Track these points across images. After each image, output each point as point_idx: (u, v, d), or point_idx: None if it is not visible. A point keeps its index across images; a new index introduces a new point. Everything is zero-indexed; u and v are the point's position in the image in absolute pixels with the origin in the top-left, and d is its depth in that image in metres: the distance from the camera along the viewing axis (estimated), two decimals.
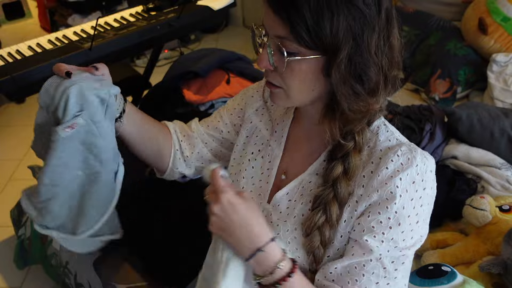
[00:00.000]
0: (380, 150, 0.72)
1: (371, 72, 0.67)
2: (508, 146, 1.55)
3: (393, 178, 0.68)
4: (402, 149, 0.70)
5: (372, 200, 0.70)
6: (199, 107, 1.85)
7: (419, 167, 0.69)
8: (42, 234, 1.56)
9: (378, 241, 0.68)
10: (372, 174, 0.70)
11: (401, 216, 0.68)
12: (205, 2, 1.90)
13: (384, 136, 0.74)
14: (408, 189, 0.68)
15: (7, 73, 1.41)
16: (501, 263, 1.12)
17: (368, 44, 0.65)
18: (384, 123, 0.77)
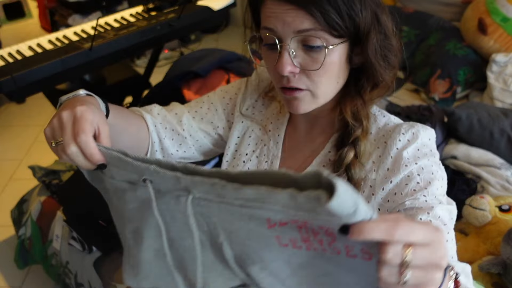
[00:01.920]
0: (383, 135, 0.74)
1: (394, 42, 0.71)
2: (507, 146, 1.55)
3: (404, 153, 0.70)
4: (404, 127, 0.72)
5: (395, 181, 0.70)
6: None
7: (424, 138, 0.72)
8: (43, 234, 1.57)
9: (422, 201, 0.67)
10: (381, 158, 0.72)
11: (427, 176, 0.69)
12: (205, 2, 1.90)
13: (382, 122, 0.76)
14: (418, 155, 0.70)
15: (7, 73, 1.41)
16: (501, 263, 1.12)
17: (386, 24, 0.69)
18: (379, 109, 0.79)
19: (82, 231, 1.39)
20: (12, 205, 1.75)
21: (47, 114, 2.93)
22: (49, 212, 1.55)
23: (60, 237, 1.47)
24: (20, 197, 1.73)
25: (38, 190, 1.65)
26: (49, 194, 1.59)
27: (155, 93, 1.91)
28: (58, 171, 1.63)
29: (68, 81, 1.95)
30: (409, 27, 2.55)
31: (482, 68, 2.27)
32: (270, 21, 0.66)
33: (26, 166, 1.73)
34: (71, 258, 1.44)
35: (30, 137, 2.76)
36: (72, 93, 0.67)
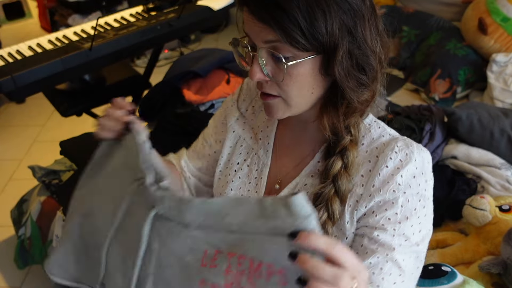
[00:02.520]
0: (376, 148, 0.72)
1: (371, 60, 0.66)
2: (508, 146, 1.55)
3: (394, 176, 0.68)
4: (399, 145, 0.70)
5: (376, 200, 0.69)
6: (199, 107, 1.86)
7: (418, 161, 0.69)
8: (42, 234, 1.57)
9: (389, 236, 0.68)
10: (371, 173, 0.70)
11: (407, 210, 0.68)
12: (205, 2, 1.90)
13: (377, 133, 0.74)
14: (411, 184, 0.68)
15: (7, 73, 1.41)
16: (501, 263, 1.12)
17: (363, 34, 0.65)
18: (374, 120, 0.77)
19: None
20: (12, 205, 1.75)
21: (47, 114, 2.93)
22: (49, 212, 1.55)
23: (60, 237, 1.47)
24: (20, 197, 1.73)
25: (38, 190, 1.65)
26: (49, 194, 1.59)
27: (155, 93, 1.91)
28: (58, 171, 1.63)
29: (68, 81, 1.95)
30: (409, 27, 2.55)
31: (482, 68, 2.27)
32: (246, 27, 0.67)
33: (26, 166, 1.73)
34: None
35: (30, 137, 2.76)
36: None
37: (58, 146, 1.64)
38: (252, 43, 0.67)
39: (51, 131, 2.81)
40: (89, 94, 2.00)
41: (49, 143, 2.68)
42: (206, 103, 1.87)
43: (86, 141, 1.67)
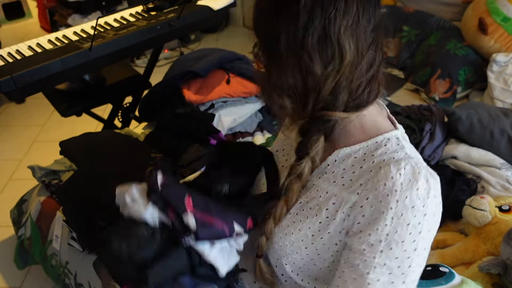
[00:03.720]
0: (383, 160, 0.69)
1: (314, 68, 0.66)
2: (508, 146, 1.55)
3: (389, 197, 0.64)
4: (406, 168, 0.65)
5: (365, 214, 0.67)
6: (199, 107, 1.85)
7: (420, 191, 0.64)
8: (42, 234, 1.57)
9: (370, 267, 0.65)
10: (369, 184, 0.68)
11: (393, 241, 0.64)
12: (205, 2, 1.90)
13: (392, 149, 0.70)
14: (404, 214, 0.64)
15: (7, 73, 1.41)
16: (501, 264, 1.12)
17: (308, 44, 0.64)
18: (398, 137, 0.72)
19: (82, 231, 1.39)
20: (12, 205, 1.75)
21: (47, 114, 2.92)
22: (49, 212, 1.55)
23: (59, 237, 1.47)
24: (19, 197, 1.73)
25: (38, 190, 1.64)
26: (48, 194, 1.59)
27: (155, 93, 1.91)
28: (58, 171, 1.63)
29: (68, 81, 1.94)
30: (409, 27, 2.55)
31: (482, 68, 2.27)
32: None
33: (26, 166, 1.73)
34: (70, 258, 1.44)
35: (30, 137, 2.76)
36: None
37: (58, 146, 1.64)
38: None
39: (51, 131, 2.81)
40: (89, 94, 2.00)
41: (49, 143, 2.68)
42: (206, 103, 1.87)
43: (86, 141, 1.67)
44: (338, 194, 0.72)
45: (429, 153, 1.58)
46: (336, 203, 0.72)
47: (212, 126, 1.70)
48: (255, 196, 0.87)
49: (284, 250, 0.78)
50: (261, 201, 0.81)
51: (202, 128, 1.67)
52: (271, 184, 0.84)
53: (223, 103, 1.89)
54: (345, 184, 0.72)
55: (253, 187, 0.89)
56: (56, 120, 2.85)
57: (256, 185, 0.89)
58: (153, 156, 1.52)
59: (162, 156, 1.52)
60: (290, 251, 0.77)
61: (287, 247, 0.77)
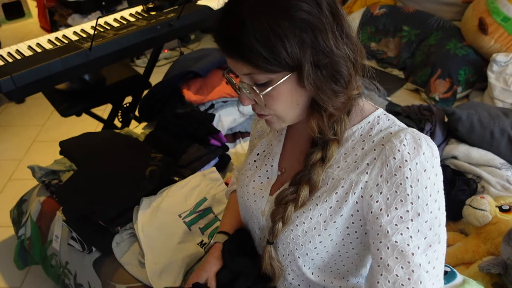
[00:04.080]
0: (382, 137, 0.73)
1: (342, 67, 0.69)
2: (508, 146, 1.55)
3: (402, 168, 0.68)
4: (407, 138, 0.70)
5: (384, 193, 0.70)
6: (199, 107, 1.85)
7: (426, 154, 0.69)
8: (42, 234, 1.57)
9: (407, 238, 0.68)
10: (377, 162, 0.71)
11: (419, 206, 0.68)
12: (205, 2, 1.90)
13: (385, 125, 0.75)
14: (420, 178, 0.68)
15: (7, 73, 1.41)
16: (501, 263, 1.12)
17: (326, 45, 0.67)
18: (384, 113, 0.78)
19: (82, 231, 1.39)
20: (12, 205, 1.75)
21: (46, 114, 2.92)
22: (48, 212, 1.55)
23: (59, 238, 1.47)
24: (19, 197, 1.73)
25: (38, 190, 1.64)
26: (48, 194, 1.59)
27: (155, 93, 1.91)
28: (58, 171, 1.63)
29: (68, 81, 1.94)
30: (409, 27, 2.55)
31: (482, 68, 2.26)
32: (227, 61, 0.72)
33: (26, 166, 1.73)
34: (70, 258, 1.44)
35: (30, 137, 2.76)
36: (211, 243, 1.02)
37: (57, 146, 1.64)
38: (235, 74, 0.73)
39: (51, 131, 2.81)
40: (89, 94, 2.00)
41: (48, 143, 2.68)
42: (206, 103, 1.87)
43: (86, 141, 1.67)
44: (345, 177, 0.74)
45: None
46: (345, 186, 0.74)
47: (212, 126, 1.70)
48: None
49: (297, 242, 0.79)
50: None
51: (202, 128, 1.67)
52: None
53: (223, 103, 1.88)
54: (350, 166, 0.74)
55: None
56: (56, 120, 2.85)
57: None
58: (153, 156, 1.52)
59: (162, 156, 1.52)
60: (303, 242, 0.78)
61: (300, 238, 0.78)
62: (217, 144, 1.68)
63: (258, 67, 0.66)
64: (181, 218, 1.38)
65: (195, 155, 1.60)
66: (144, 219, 1.36)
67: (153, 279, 1.23)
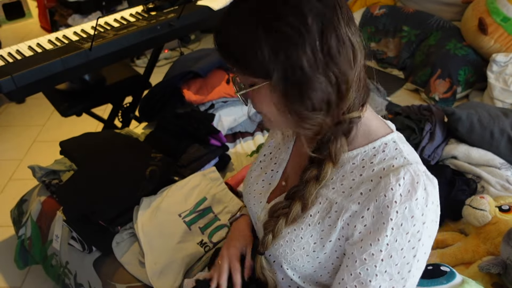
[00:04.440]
0: (383, 169, 0.69)
1: (313, 90, 0.64)
2: (508, 146, 1.55)
3: (389, 209, 0.66)
4: (406, 178, 0.66)
5: (366, 224, 0.69)
6: (199, 107, 1.86)
7: (419, 201, 0.66)
8: (43, 234, 1.57)
9: (371, 274, 0.68)
10: (370, 194, 0.69)
11: (393, 249, 0.67)
12: (205, 2, 1.90)
13: (391, 154, 0.71)
14: (404, 223, 0.66)
15: (7, 73, 1.41)
16: (501, 263, 1.12)
17: (299, 62, 0.63)
18: (395, 140, 0.73)
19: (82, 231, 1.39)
20: (12, 205, 1.75)
21: (47, 114, 2.93)
22: (49, 212, 1.55)
23: (60, 237, 1.47)
24: (20, 197, 1.73)
25: (38, 190, 1.65)
26: (49, 194, 1.59)
27: (155, 93, 1.91)
28: (58, 171, 1.63)
29: (68, 81, 1.94)
30: (409, 27, 2.55)
31: (482, 68, 2.27)
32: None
33: (26, 166, 1.73)
34: (71, 258, 1.44)
35: (30, 137, 2.76)
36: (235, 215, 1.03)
37: (58, 146, 1.64)
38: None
39: (51, 131, 2.81)
40: (89, 94, 2.00)
41: (49, 143, 2.68)
42: (206, 103, 1.87)
43: (86, 141, 1.67)
44: (339, 202, 0.72)
45: (429, 153, 1.58)
46: (338, 211, 0.72)
47: (212, 126, 1.70)
48: None
49: (285, 257, 0.78)
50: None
51: (202, 128, 1.67)
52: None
53: (223, 103, 1.89)
54: (345, 191, 0.72)
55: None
56: (56, 120, 2.85)
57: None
58: (153, 156, 1.52)
59: (162, 156, 1.52)
60: (291, 258, 0.77)
61: (288, 255, 0.77)
62: (217, 144, 1.68)
63: (239, 68, 0.68)
64: (181, 217, 1.38)
65: (195, 155, 1.61)
66: (144, 219, 1.36)
67: (153, 279, 1.23)
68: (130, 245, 1.35)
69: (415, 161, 0.70)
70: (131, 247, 1.34)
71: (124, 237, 1.36)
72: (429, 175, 0.69)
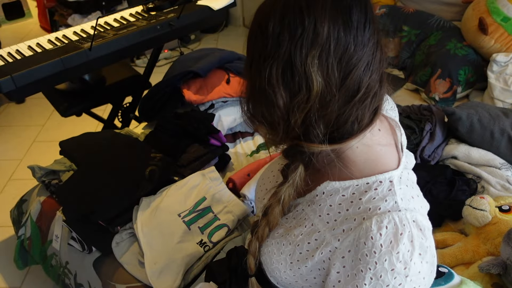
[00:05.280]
0: (369, 209, 0.64)
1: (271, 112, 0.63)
2: (508, 146, 1.55)
3: (368, 258, 0.61)
4: (389, 227, 0.61)
5: (345, 266, 0.65)
6: (199, 107, 1.85)
7: (402, 254, 0.60)
8: (42, 234, 1.57)
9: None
10: (351, 234, 0.64)
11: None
12: (205, 2, 1.90)
13: (382, 194, 0.64)
14: (383, 275, 0.61)
15: (7, 73, 1.41)
16: (501, 264, 1.12)
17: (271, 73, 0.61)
18: (392, 179, 0.66)
19: (82, 231, 1.39)
20: (12, 205, 1.75)
21: (47, 114, 2.93)
22: (48, 212, 1.55)
23: (59, 237, 1.47)
24: (19, 197, 1.73)
25: (38, 190, 1.64)
26: (48, 194, 1.59)
27: (155, 93, 1.91)
28: (58, 171, 1.63)
29: (68, 81, 1.94)
30: (409, 27, 2.55)
31: (482, 68, 2.27)
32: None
33: (26, 166, 1.73)
34: (70, 258, 1.44)
35: (30, 137, 2.76)
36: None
37: (57, 146, 1.64)
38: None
39: (51, 131, 2.81)
40: (89, 94, 2.00)
41: (49, 143, 2.68)
42: (206, 103, 1.87)
43: (86, 141, 1.67)
44: (321, 231, 0.68)
45: (429, 153, 1.58)
46: (318, 240, 0.68)
47: (212, 126, 1.70)
48: None
49: (267, 266, 0.77)
50: None
51: (202, 128, 1.67)
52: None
53: (223, 103, 1.88)
54: (330, 222, 0.68)
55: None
56: (56, 120, 2.85)
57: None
58: (152, 156, 1.52)
59: (162, 156, 1.52)
60: (271, 269, 0.76)
61: (268, 265, 0.76)
62: (217, 144, 1.68)
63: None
64: (180, 217, 1.38)
65: (195, 155, 1.61)
66: (143, 219, 1.36)
67: (152, 279, 1.23)
68: (129, 245, 1.35)
69: (406, 208, 0.63)
70: (131, 247, 1.34)
71: (124, 237, 1.36)
72: (421, 224, 0.62)
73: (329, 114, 0.61)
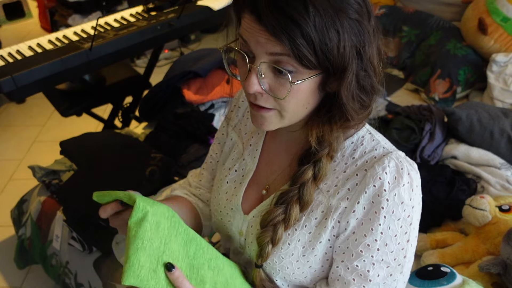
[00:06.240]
0: (366, 161, 0.70)
1: (374, 82, 0.65)
2: (508, 146, 1.55)
3: (380, 197, 0.66)
4: (391, 166, 0.67)
5: (358, 217, 0.68)
6: (199, 107, 1.86)
7: (406, 186, 0.67)
8: (43, 234, 1.57)
9: (369, 265, 0.68)
10: (358, 188, 0.69)
11: (387, 237, 0.67)
12: (205, 2, 1.90)
13: (370, 146, 0.71)
14: (395, 210, 0.67)
15: (7, 73, 1.41)
16: (501, 263, 1.12)
17: (370, 56, 0.62)
18: (370, 131, 0.73)
19: (82, 231, 1.39)
20: (12, 205, 1.75)
21: (47, 114, 2.93)
22: (49, 212, 1.55)
23: (60, 237, 1.47)
24: (20, 197, 1.73)
25: (38, 190, 1.65)
26: (49, 194, 1.59)
27: (155, 93, 1.92)
28: (58, 171, 1.63)
29: (68, 81, 1.95)
30: (409, 27, 2.55)
31: (482, 68, 2.27)
32: (245, 34, 0.62)
33: (26, 166, 1.73)
34: (71, 258, 1.44)
35: (30, 137, 2.76)
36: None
37: (58, 146, 1.64)
38: (247, 50, 0.63)
39: (51, 131, 2.81)
40: (89, 94, 2.01)
41: (49, 143, 2.68)
42: (206, 103, 1.87)
43: (86, 141, 1.67)
44: (324, 202, 0.71)
45: (429, 153, 1.58)
46: (325, 211, 0.71)
47: (212, 126, 1.70)
48: None
49: (273, 267, 0.76)
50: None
51: (202, 128, 1.67)
52: None
53: (223, 103, 1.89)
54: (330, 190, 0.71)
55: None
56: (56, 120, 2.85)
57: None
58: (153, 156, 1.52)
59: (162, 156, 1.53)
60: (280, 267, 0.75)
61: (277, 264, 0.75)
62: None
63: (300, 53, 0.58)
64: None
65: (195, 155, 1.61)
66: None
67: None
68: None
69: (393, 149, 0.71)
70: None
71: (124, 237, 1.36)
72: (409, 160, 0.70)
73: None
